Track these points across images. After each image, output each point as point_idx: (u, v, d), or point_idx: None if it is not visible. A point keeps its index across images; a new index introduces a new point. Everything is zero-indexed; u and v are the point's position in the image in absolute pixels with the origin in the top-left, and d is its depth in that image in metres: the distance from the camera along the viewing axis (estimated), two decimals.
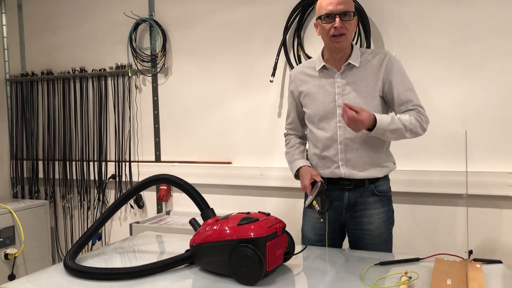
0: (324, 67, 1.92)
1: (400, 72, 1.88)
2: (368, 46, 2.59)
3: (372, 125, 1.73)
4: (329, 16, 1.80)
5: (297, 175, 1.96)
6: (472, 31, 2.45)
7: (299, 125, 2.09)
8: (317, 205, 1.72)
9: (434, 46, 2.52)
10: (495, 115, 2.43)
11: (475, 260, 1.57)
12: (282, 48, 2.81)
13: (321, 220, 1.74)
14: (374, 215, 1.91)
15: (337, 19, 1.79)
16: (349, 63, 1.87)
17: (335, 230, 1.96)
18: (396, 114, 1.84)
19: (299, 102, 2.01)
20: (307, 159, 2.01)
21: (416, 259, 1.63)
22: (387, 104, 1.92)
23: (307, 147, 2.07)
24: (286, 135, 2.15)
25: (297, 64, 2.80)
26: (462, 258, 1.60)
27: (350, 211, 1.93)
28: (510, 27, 2.38)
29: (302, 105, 1.99)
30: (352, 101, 1.84)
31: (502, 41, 2.40)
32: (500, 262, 1.57)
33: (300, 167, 1.93)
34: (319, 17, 1.85)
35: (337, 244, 2.00)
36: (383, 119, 1.76)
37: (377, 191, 1.90)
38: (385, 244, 1.94)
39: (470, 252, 1.51)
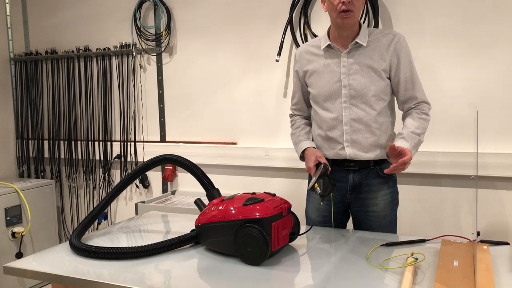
0: (329, 46, 1.88)
1: (407, 56, 1.84)
2: (376, 26, 2.54)
3: None
4: None
5: (302, 157, 1.95)
6: (482, 10, 2.40)
7: (304, 106, 2.06)
8: (318, 188, 1.71)
9: (443, 25, 2.47)
10: (505, 95, 2.39)
11: (482, 241, 1.56)
12: (289, 26, 2.77)
13: (321, 203, 1.73)
14: (379, 197, 1.90)
15: None
16: (357, 42, 1.83)
17: (339, 211, 1.96)
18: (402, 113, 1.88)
19: (304, 82, 1.99)
20: (312, 140, 1.99)
21: (423, 241, 1.62)
22: (391, 87, 1.89)
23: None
24: (291, 116, 2.12)
25: (303, 43, 2.76)
26: (469, 240, 1.59)
27: (355, 193, 1.92)
28: None
29: (307, 84, 1.97)
30: (358, 81, 1.82)
31: (511, 19, 2.34)
32: (507, 243, 1.56)
33: (306, 149, 1.92)
34: None
35: (342, 226, 2.00)
36: (403, 143, 1.74)
37: (382, 173, 1.88)
38: (390, 226, 1.93)
39: (478, 234, 1.49)
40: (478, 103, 2.43)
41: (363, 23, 2.26)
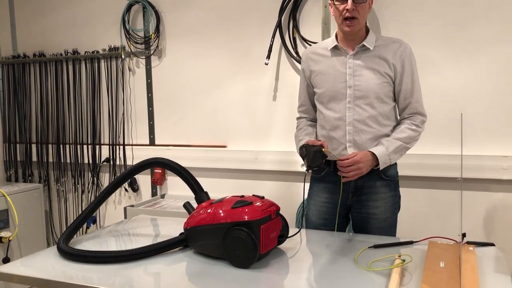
0: (336, 47, 1.90)
1: (411, 66, 1.86)
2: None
3: (374, 160, 1.79)
4: None
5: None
6: (467, 15, 2.43)
7: (310, 108, 2.05)
8: (305, 158, 1.73)
9: (429, 30, 2.50)
10: (490, 98, 2.43)
11: (468, 243, 1.58)
12: (278, 30, 2.78)
13: (306, 172, 1.75)
14: (380, 199, 1.90)
15: (349, 2, 1.76)
16: (363, 45, 1.86)
17: (340, 215, 1.95)
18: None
19: (310, 82, 2.00)
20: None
21: (410, 242, 1.63)
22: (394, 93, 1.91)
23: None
24: (298, 118, 2.12)
25: (292, 47, 2.78)
26: (455, 241, 1.61)
27: (357, 195, 1.92)
28: (505, 11, 2.36)
29: (313, 85, 1.98)
30: (363, 83, 1.84)
31: (497, 25, 2.38)
32: (492, 245, 1.58)
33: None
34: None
35: (341, 230, 1.99)
36: (379, 148, 1.80)
37: (385, 175, 1.89)
38: (390, 229, 1.93)
39: (463, 235, 1.51)
40: (464, 106, 2.46)
41: None
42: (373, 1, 1.90)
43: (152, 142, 3.25)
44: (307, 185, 2.03)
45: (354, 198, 1.93)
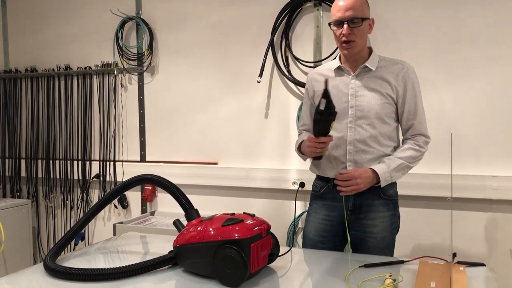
0: (339, 67, 1.93)
1: (413, 88, 1.88)
2: None
3: (375, 178, 1.80)
4: (338, 24, 1.82)
5: (303, 154, 1.96)
6: (457, 37, 2.48)
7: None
8: (321, 105, 1.66)
9: (420, 51, 2.54)
10: (479, 119, 2.46)
11: (459, 263, 1.58)
12: (270, 49, 2.81)
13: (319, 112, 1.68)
14: (378, 218, 1.90)
15: (345, 26, 1.79)
16: (366, 66, 1.88)
17: (337, 233, 1.95)
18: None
19: (313, 101, 2.02)
20: None
21: (401, 262, 1.63)
22: (397, 115, 1.93)
23: None
24: (299, 131, 2.14)
25: (284, 66, 2.80)
26: (446, 261, 1.60)
27: (355, 213, 1.92)
28: (494, 34, 2.41)
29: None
30: (365, 103, 1.86)
31: (486, 47, 2.43)
32: (483, 265, 1.57)
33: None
34: (331, 23, 1.87)
35: (338, 249, 1.98)
36: (380, 165, 1.82)
37: (384, 194, 1.90)
38: (387, 249, 1.92)
39: (454, 255, 1.51)
40: (454, 126, 2.49)
41: None
42: (374, 21, 1.91)
43: (143, 159, 3.23)
44: (301, 203, 2.03)
45: (352, 216, 1.93)
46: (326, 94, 1.67)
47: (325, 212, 1.95)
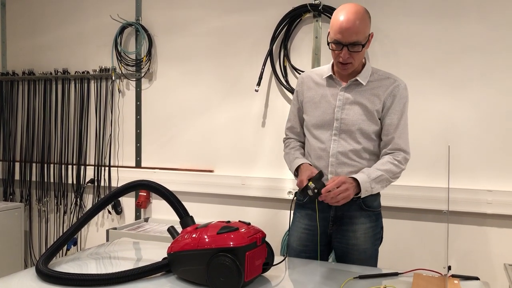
0: (331, 76, 1.90)
1: (400, 103, 1.84)
2: None
3: (356, 187, 1.74)
4: (338, 44, 1.76)
5: (296, 175, 1.91)
6: (455, 49, 2.50)
7: (300, 130, 2.03)
8: (312, 184, 1.68)
9: (418, 63, 2.56)
10: (476, 132, 2.47)
11: (453, 276, 1.57)
12: (269, 58, 2.82)
13: (315, 199, 1.69)
14: (360, 230, 1.88)
15: (344, 50, 1.75)
16: (356, 80, 1.85)
17: (321, 243, 1.93)
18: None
19: (301, 105, 1.99)
20: None
21: (395, 274, 1.62)
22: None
23: None
24: (286, 139, 2.09)
25: (282, 75, 2.81)
26: (441, 274, 1.60)
27: (337, 224, 1.91)
28: (491, 46, 2.43)
29: (303, 110, 1.97)
30: (350, 117, 1.83)
31: (484, 60, 2.45)
32: (477, 278, 1.57)
33: (301, 164, 1.88)
34: (329, 40, 1.81)
35: (323, 258, 1.96)
36: (360, 175, 1.76)
37: (365, 206, 1.88)
38: (370, 260, 1.90)
39: (449, 268, 1.51)
40: (450, 140, 2.50)
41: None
42: (373, 35, 1.84)
43: (138, 165, 3.22)
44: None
45: (334, 227, 1.91)
46: (318, 184, 1.69)
47: (307, 221, 1.94)
